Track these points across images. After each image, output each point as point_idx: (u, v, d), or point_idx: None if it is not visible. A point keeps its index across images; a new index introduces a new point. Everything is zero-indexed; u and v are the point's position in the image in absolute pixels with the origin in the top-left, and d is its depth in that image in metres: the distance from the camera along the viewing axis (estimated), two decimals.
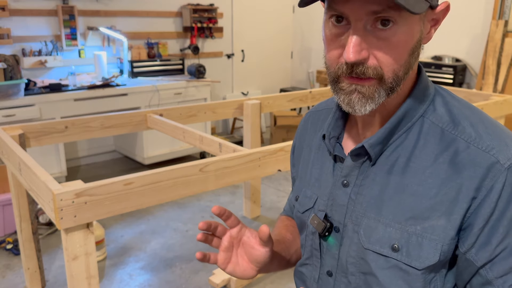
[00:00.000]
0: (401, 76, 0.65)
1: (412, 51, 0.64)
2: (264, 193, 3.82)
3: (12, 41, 3.75)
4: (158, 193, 1.65)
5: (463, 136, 0.64)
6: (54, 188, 1.44)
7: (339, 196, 0.73)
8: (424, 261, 0.64)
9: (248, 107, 3.05)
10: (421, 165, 0.65)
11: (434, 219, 0.63)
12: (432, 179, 0.64)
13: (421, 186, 0.65)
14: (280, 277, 2.64)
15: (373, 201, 0.69)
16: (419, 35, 0.64)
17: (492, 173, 0.61)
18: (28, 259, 2.37)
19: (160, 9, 4.69)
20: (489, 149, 0.62)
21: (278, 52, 6.10)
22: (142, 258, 2.82)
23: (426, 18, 0.65)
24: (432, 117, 0.68)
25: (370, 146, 0.68)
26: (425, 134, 0.67)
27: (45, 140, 2.33)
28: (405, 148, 0.67)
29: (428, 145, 0.66)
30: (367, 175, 0.70)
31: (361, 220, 0.70)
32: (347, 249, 0.72)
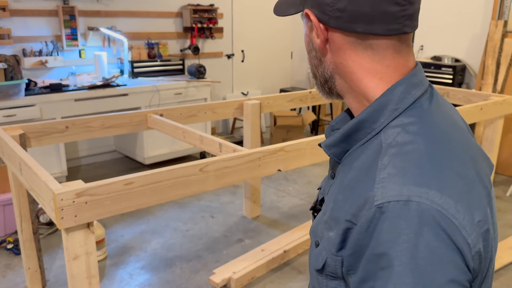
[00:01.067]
0: (313, 72, 0.75)
1: (308, 51, 0.74)
2: (264, 193, 3.83)
3: (12, 41, 3.76)
4: (158, 193, 1.66)
5: (379, 161, 0.62)
6: (55, 188, 1.45)
7: (326, 186, 0.79)
8: (316, 265, 0.69)
9: (248, 107, 3.06)
10: (349, 175, 0.66)
11: (333, 230, 0.65)
12: (348, 193, 0.65)
13: (340, 195, 0.67)
14: (280, 277, 2.64)
15: (328, 197, 0.73)
16: (307, 38, 0.73)
17: (367, 205, 0.59)
18: (28, 258, 2.37)
19: (160, 9, 4.70)
20: (379, 181, 0.60)
21: (278, 52, 6.11)
22: (142, 258, 2.83)
23: (308, 23, 0.71)
24: (384, 134, 0.65)
25: (325, 146, 0.72)
26: (371, 149, 0.66)
27: (46, 140, 2.33)
28: (354, 156, 0.69)
29: (364, 159, 0.65)
30: (337, 171, 0.74)
31: (322, 212, 0.75)
32: None
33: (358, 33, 0.65)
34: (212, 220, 3.36)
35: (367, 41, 0.66)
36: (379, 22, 0.64)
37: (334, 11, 0.65)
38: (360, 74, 0.68)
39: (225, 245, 2.98)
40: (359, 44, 0.66)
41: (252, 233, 3.16)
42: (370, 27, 0.64)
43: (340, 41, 0.67)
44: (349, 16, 0.64)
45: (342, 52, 0.68)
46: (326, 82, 0.74)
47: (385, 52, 0.66)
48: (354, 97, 0.71)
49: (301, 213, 3.48)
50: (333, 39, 0.68)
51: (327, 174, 0.85)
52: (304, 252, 2.91)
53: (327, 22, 0.67)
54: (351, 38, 0.66)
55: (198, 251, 2.91)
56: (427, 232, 0.55)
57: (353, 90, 0.70)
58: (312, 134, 5.61)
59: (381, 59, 0.67)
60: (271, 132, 5.15)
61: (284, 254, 2.78)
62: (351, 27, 0.65)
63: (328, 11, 0.66)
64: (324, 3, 0.66)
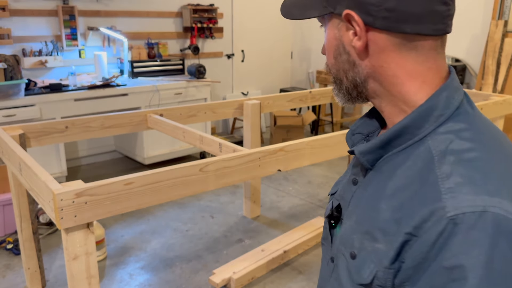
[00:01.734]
0: (339, 77, 0.71)
1: (334, 56, 0.70)
2: (264, 193, 3.83)
3: (12, 41, 3.76)
4: (158, 193, 1.66)
5: (438, 170, 0.60)
6: (55, 188, 1.44)
7: (346, 192, 0.75)
8: (359, 279, 0.65)
9: (248, 107, 3.06)
10: (395, 185, 0.64)
11: (381, 242, 0.62)
12: (396, 202, 0.62)
13: (385, 205, 0.64)
14: (280, 277, 2.64)
15: (359, 204, 0.70)
16: (336, 42, 0.69)
17: (434, 217, 0.56)
18: (28, 259, 2.37)
19: (160, 9, 4.70)
20: (447, 192, 0.57)
21: (278, 53, 6.11)
22: (142, 258, 2.82)
23: (340, 25, 0.67)
24: (432, 140, 0.63)
25: (360, 153, 0.69)
26: (417, 156, 0.63)
27: (46, 140, 2.33)
28: (396, 163, 0.66)
29: (413, 167, 0.63)
30: (368, 178, 0.70)
31: (347, 220, 0.72)
32: (336, 242, 0.75)
33: (405, 34, 0.63)
34: (212, 220, 3.36)
35: (413, 42, 0.63)
36: (427, 21, 0.62)
37: (381, 11, 0.62)
38: (402, 77, 0.65)
39: (225, 245, 2.98)
40: (403, 45, 0.64)
41: (252, 233, 3.16)
42: (418, 27, 0.62)
43: (384, 43, 0.64)
44: (398, 16, 0.62)
45: (384, 54, 0.65)
46: (356, 87, 0.70)
47: (428, 54, 0.64)
48: (389, 101, 0.68)
49: (301, 213, 3.48)
50: (376, 40, 0.65)
51: (340, 179, 0.82)
52: (304, 252, 2.91)
53: (371, 23, 0.63)
54: (397, 39, 0.64)
55: (198, 251, 2.90)
56: (503, 243, 0.53)
57: (390, 94, 0.67)
58: (312, 134, 5.61)
59: (424, 61, 0.64)
60: (271, 132, 5.15)
61: (284, 254, 2.77)
62: (399, 27, 0.62)
63: (373, 12, 0.62)
64: (369, 3, 0.62)
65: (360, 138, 0.78)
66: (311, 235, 2.99)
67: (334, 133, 2.28)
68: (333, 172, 4.38)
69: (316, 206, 3.61)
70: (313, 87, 6.12)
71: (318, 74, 5.47)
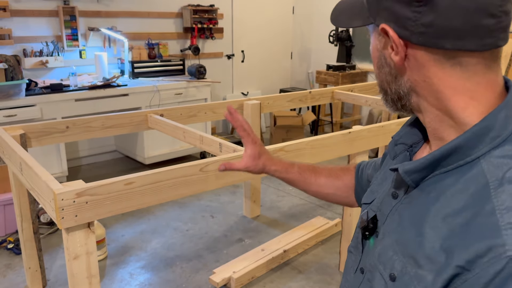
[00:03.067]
0: (383, 88, 0.68)
1: (378, 66, 0.68)
2: (264, 193, 3.83)
3: (13, 41, 3.77)
4: (158, 192, 1.66)
5: (495, 200, 0.55)
6: (55, 187, 1.45)
7: (385, 205, 0.72)
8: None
9: (248, 107, 3.06)
10: (445, 210, 0.59)
11: (426, 270, 0.58)
12: (445, 229, 0.58)
13: (433, 231, 0.59)
14: (280, 276, 2.65)
15: (400, 223, 0.66)
16: (378, 53, 0.67)
17: (491, 254, 0.52)
18: (29, 258, 2.38)
19: (160, 10, 4.71)
20: (507, 227, 0.53)
21: (278, 53, 6.12)
22: (142, 258, 2.83)
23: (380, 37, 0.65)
24: (487, 163, 0.58)
25: (405, 172, 0.65)
26: (469, 179, 0.59)
27: (46, 140, 2.34)
28: (444, 185, 0.61)
29: (464, 192, 0.58)
30: (410, 195, 0.67)
31: (386, 237, 0.68)
32: (371, 257, 0.72)
33: (445, 50, 0.59)
34: (212, 219, 3.37)
35: (456, 58, 0.59)
36: (471, 36, 0.57)
37: (418, 26, 0.58)
38: (447, 93, 0.61)
39: (225, 245, 2.99)
40: (446, 61, 0.59)
41: (252, 233, 3.17)
42: (460, 43, 0.57)
43: (423, 58, 0.60)
44: (436, 32, 0.57)
45: (425, 69, 0.61)
46: (400, 99, 0.67)
47: (475, 69, 0.59)
48: (435, 116, 0.64)
49: (301, 213, 3.49)
50: (415, 56, 0.61)
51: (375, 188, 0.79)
52: (304, 252, 2.92)
53: (408, 38, 0.60)
54: (437, 55, 0.59)
55: (198, 251, 2.91)
56: None
57: (435, 108, 0.63)
58: (312, 134, 5.62)
59: (471, 76, 0.59)
60: (271, 132, 5.16)
61: (284, 253, 2.78)
62: (438, 43, 0.58)
63: (410, 26, 0.59)
64: (405, 17, 0.59)
65: (403, 149, 0.74)
66: (311, 235, 2.99)
67: (334, 133, 2.28)
68: None
69: (315, 206, 3.61)
70: (313, 87, 6.13)
71: (318, 74, 5.47)
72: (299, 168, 1.06)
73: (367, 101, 3.34)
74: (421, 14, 0.57)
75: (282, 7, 5.98)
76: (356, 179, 1.03)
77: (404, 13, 0.59)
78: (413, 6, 0.58)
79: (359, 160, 2.47)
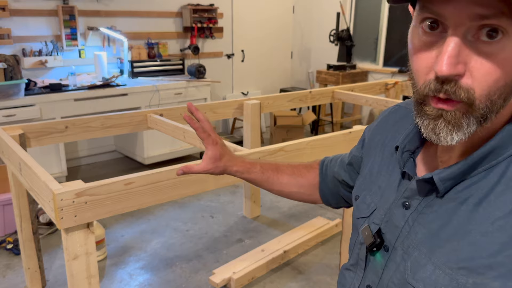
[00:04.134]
0: (497, 102, 0.55)
1: None
2: (264, 193, 3.82)
3: (12, 41, 3.76)
4: (158, 193, 1.66)
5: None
6: (55, 188, 1.44)
7: (396, 216, 0.68)
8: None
9: (248, 107, 3.06)
10: (492, 214, 0.56)
11: (488, 277, 0.54)
12: (499, 233, 0.54)
13: (485, 237, 0.56)
14: (280, 276, 2.64)
15: (430, 235, 0.62)
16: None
17: None
18: (28, 258, 2.37)
19: (160, 9, 4.70)
20: None
21: (278, 52, 6.11)
22: (142, 258, 2.82)
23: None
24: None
25: (440, 180, 0.61)
26: (509, 179, 0.56)
27: (46, 140, 2.33)
28: (480, 189, 0.58)
29: (508, 193, 0.56)
30: (431, 205, 0.63)
31: (413, 251, 0.64)
32: (391, 274, 0.67)
33: None
34: (212, 220, 3.36)
35: None
36: None
37: None
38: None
39: (225, 245, 2.98)
40: None
41: (252, 233, 3.16)
42: None
43: None
44: None
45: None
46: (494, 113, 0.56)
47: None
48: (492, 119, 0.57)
49: (301, 213, 3.48)
50: None
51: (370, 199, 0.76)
52: (304, 252, 2.91)
53: None
54: None
55: (198, 251, 2.91)
56: None
57: None
58: (312, 134, 5.61)
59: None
60: (271, 132, 5.15)
61: (284, 254, 2.78)
62: None
63: None
64: None
65: (408, 157, 0.71)
66: (311, 235, 2.99)
67: (334, 133, 2.28)
68: None
69: (315, 206, 3.61)
70: (313, 87, 6.12)
71: (318, 74, 5.46)
72: (262, 167, 1.01)
73: (367, 101, 3.33)
74: None
75: (282, 6, 5.98)
76: (321, 176, 1.00)
77: None
78: None
79: None
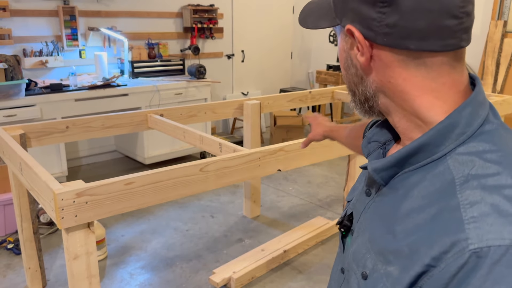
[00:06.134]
0: (351, 89, 0.69)
1: (345, 67, 0.68)
2: (264, 193, 3.83)
3: (13, 41, 3.76)
4: (158, 192, 1.67)
5: (460, 195, 0.55)
6: (55, 187, 1.45)
7: (359, 203, 0.73)
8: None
9: (248, 107, 3.06)
10: (410, 206, 0.60)
11: (393, 265, 0.58)
12: (410, 225, 0.58)
13: (399, 226, 0.60)
14: (280, 276, 2.65)
15: (372, 221, 0.67)
16: (345, 54, 0.67)
17: (455, 248, 0.52)
18: (29, 258, 2.38)
19: (160, 9, 4.71)
20: (470, 221, 0.53)
21: (278, 53, 6.12)
22: (142, 258, 2.83)
23: (347, 38, 0.65)
24: (453, 160, 0.59)
25: (374, 170, 0.66)
26: (434, 176, 0.59)
27: (46, 140, 2.34)
28: (411, 181, 0.62)
29: (429, 188, 0.59)
30: (381, 193, 0.67)
31: (360, 235, 0.68)
32: (348, 256, 0.72)
33: (410, 50, 0.59)
34: (212, 220, 3.37)
35: (420, 58, 0.59)
36: (435, 37, 0.58)
37: (383, 26, 0.58)
38: (412, 93, 0.61)
39: (225, 245, 2.99)
40: (410, 61, 0.60)
41: (252, 233, 3.17)
42: (424, 44, 0.58)
43: (388, 59, 0.61)
44: (400, 32, 0.58)
45: (390, 70, 0.61)
46: (366, 100, 0.67)
47: (440, 69, 0.60)
48: (402, 116, 0.65)
49: (301, 213, 3.49)
50: (380, 56, 0.61)
51: (356, 185, 0.79)
52: (304, 252, 2.92)
53: (373, 38, 0.60)
54: (402, 55, 0.60)
55: (198, 251, 2.91)
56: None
57: (402, 109, 0.64)
58: None
59: (435, 77, 0.60)
60: (271, 132, 5.15)
61: (284, 253, 2.78)
62: (402, 44, 0.59)
63: (374, 27, 0.59)
64: (370, 18, 0.59)
65: (377, 147, 0.74)
66: (311, 235, 2.99)
67: None
68: (333, 172, 4.38)
69: (316, 206, 3.61)
70: (313, 87, 6.13)
71: (318, 74, 5.47)
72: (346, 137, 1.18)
73: None
74: (385, 15, 0.58)
75: (282, 7, 5.98)
76: None
77: (369, 14, 0.59)
78: (377, 7, 0.58)
79: (359, 160, 2.47)
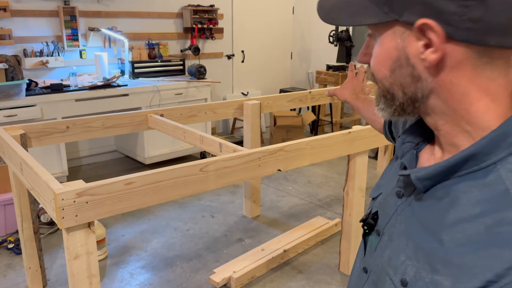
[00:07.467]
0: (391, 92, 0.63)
1: (391, 68, 0.61)
2: (264, 193, 3.84)
3: (13, 41, 3.77)
4: (158, 192, 1.67)
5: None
6: (56, 187, 1.45)
7: (388, 203, 0.70)
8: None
9: (248, 108, 3.07)
10: (460, 215, 0.57)
11: (442, 275, 0.56)
12: (461, 235, 0.56)
13: (448, 236, 0.57)
14: (280, 276, 2.65)
15: (410, 226, 0.64)
16: (397, 53, 0.60)
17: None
18: (29, 258, 2.38)
19: (160, 10, 4.71)
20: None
21: (278, 53, 6.12)
22: (143, 257, 2.83)
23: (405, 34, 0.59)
24: (505, 170, 0.56)
25: (417, 179, 0.62)
26: (484, 185, 0.57)
27: (47, 140, 2.34)
28: (457, 189, 0.59)
29: (479, 197, 0.56)
30: (419, 198, 0.64)
31: (395, 239, 0.66)
32: (377, 258, 0.70)
33: (487, 47, 0.55)
34: (212, 219, 3.37)
35: (490, 55, 0.56)
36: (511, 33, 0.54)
37: (465, 21, 0.54)
38: (472, 95, 0.58)
39: (225, 245, 2.99)
40: (479, 59, 0.56)
41: (252, 233, 3.17)
42: (503, 39, 0.54)
43: (460, 57, 0.56)
44: (483, 27, 0.53)
45: (457, 69, 0.57)
46: (414, 102, 0.62)
47: (500, 69, 0.57)
48: (450, 119, 0.61)
49: (301, 213, 3.49)
50: (452, 53, 0.56)
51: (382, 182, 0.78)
52: (304, 252, 2.92)
53: (451, 34, 0.55)
54: (475, 52, 0.56)
55: (198, 251, 2.92)
56: None
57: (454, 112, 0.60)
58: (312, 134, 5.62)
59: (496, 77, 0.57)
60: (271, 132, 5.16)
61: (284, 253, 2.79)
62: (483, 40, 0.54)
63: (454, 22, 0.54)
64: (449, 12, 0.54)
65: (410, 148, 0.71)
66: (310, 235, 3.00)
67: (334, 133, 2.29)
68: (333, 172, 4.39)
69: (315, 206, 3.62)
70: (312, 87, 6.13)
71: (318, 74, 5.47)
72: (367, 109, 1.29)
73: None
74: (469, 8, 0.53)
75: (282, 7, 5.99)
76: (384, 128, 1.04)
77: (447, 8, 0.54)
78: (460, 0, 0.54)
79: (359, 160, 2.48)
